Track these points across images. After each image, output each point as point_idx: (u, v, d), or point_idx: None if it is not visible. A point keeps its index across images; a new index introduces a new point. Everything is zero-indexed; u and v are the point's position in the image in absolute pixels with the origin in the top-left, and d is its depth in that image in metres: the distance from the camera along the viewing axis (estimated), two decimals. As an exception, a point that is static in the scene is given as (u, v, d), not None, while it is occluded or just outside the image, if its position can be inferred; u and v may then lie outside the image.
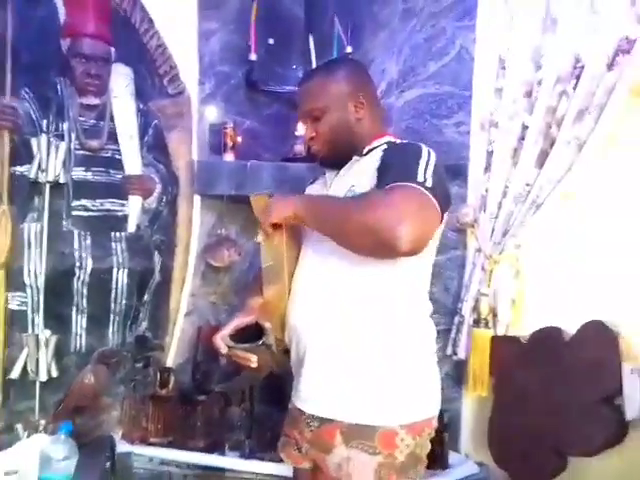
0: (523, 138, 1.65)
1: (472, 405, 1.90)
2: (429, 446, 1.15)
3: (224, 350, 1.14)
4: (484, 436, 1.78)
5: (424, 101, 2.06)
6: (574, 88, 1.53)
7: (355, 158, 1.18)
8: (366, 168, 1.13)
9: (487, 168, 1.78)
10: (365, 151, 1.18)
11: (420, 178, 1.00)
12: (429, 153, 1.06)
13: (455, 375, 1.92)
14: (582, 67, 1.50)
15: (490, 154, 1.76)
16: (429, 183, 0.99)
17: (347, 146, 1.17)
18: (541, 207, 1.63)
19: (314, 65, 2.31)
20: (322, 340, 1.10)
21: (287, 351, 1.22)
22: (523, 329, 1.73)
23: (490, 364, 1.74)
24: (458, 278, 1.93)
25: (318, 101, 1.17)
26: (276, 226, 1.14)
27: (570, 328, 1.61)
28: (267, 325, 1.13)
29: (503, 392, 1.71)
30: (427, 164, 1.03)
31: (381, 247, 0.97)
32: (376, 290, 1.09)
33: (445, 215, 1.09)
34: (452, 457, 1.82)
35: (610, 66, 1.45)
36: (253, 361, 1.11)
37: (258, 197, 1.17)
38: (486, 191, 1.77)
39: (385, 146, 1.16)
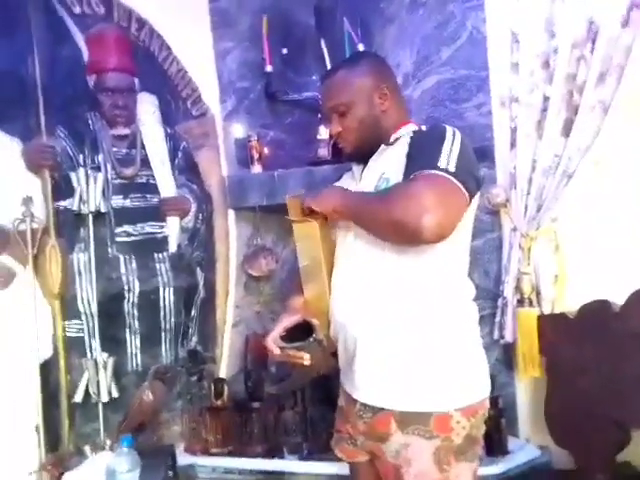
0: (545, 109, 1.62)
1: (526, 388, 1.86)
2: (484, 427, 1.15)
3: (277, 351, 1.16)
4: (542, 418, 1.73)
5: (442, 88, 2.05)
6: (591, 52, 1.50)
7: (383, 147, 1.19)
8: (395, 155, 1.14)
9: (513, 145, 1.75)
10: (392, 139, 1.19)
11: (442, 164, 1.00)
12: (454, 134, 1.06)
13: (505, 359, 1.88)
14: (597, 29, 1.47)
15: (514, 130, 1.73)
16: (452, 167, 1.00)
17: (374, 138, 1.18)
18: (573, 177, 1.59)
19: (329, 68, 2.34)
20: (370, 332, 1.11)
21: (334, 353, 1.23)
22: (569, 305, 1.69)
23: (539, 344, 1.70)
24: (497, 260, 1.89)
25: (343, 96, 1.18)
26: (312, 215, 1.16)
27: (618, 299, 1.56)
28: (315, 321, 1.15)
29: (556, 371, 1.67)
30: (451, 147, 1.03)
31: (408, 238, 1.00)
32: (416, 277, 1.10)
33: (476, 196, 1.09)
34: (512, 442, 1.79)
35: (625, 24, 1.41)
36: (306, 358, 1.13)
37: (294, 199, 1.20)
38: (514, 168, 1.74)
39: (412, 133, 1.18)
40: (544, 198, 1.67)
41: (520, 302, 1.76)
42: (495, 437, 1.72)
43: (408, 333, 1.09)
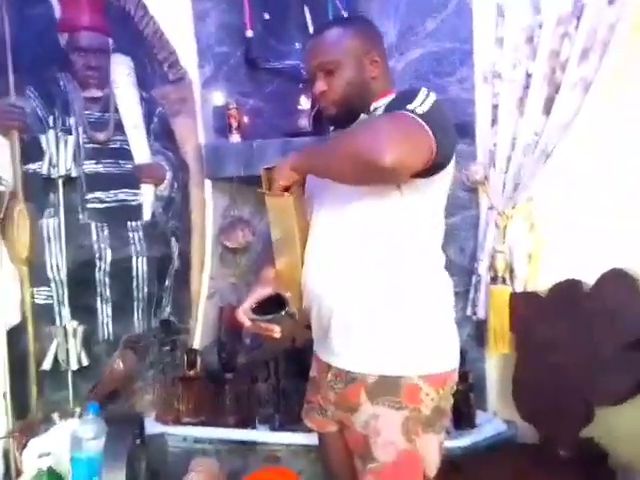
0: (527, 86, 1.60)
1: (496, 364, 1.88)
2: (452, 400, 1.17)
3: (247, 323, 1.15)
4: (510, 394, 1.76)
5: (425, 60, 2.01)
6: (576, 28, 1.47)
7: (363, 116, 1.17)
8: None
9: (494, 122, 1.73)
10: (372, 109, 1.17)
11: (411, 107, 0.99)
12: (428, 91, 1.05)
13: (477, 335, 1.91)
14: (582, 5, 1.44)
15: (496, 107, 1.72)
16: (420, 110, 0.98)
17: (358, 103, 1.16)
18: (551, 156, 1.58)
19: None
20: (345, 300, 1.12)
21: (308, 326, 1.23)
22: (542, 284, 1.70)
23: (510, 321, 1.71)
24: (473, 238, 1.90)
25: (333, 54, 1.14)
26: (286, 190, 1.13)
27: (589, 279, 1.57)
28: (287, 294, 1.14)
29: (525, 348, 1.70)
30: (425, 98, 1.02)
31: (366, 167, 0.97)
32: (389, 247, 1.10)
33: (449, 166, 1.08)
34: (480, 416, 1.83)
35: (611, 1, 1.38)
36: (276, 331, 1.13)
37: (268, 171, 1.17)
38: (494, 146, 1.73)
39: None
40: (522, 176, 1.66)
41: (493, 280, 1.77)
42: (464, 411, 1.75)
43: (381, 300, 1.10)
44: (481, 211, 1.85)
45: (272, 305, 1.15)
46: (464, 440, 1.69)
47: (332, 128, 1.31)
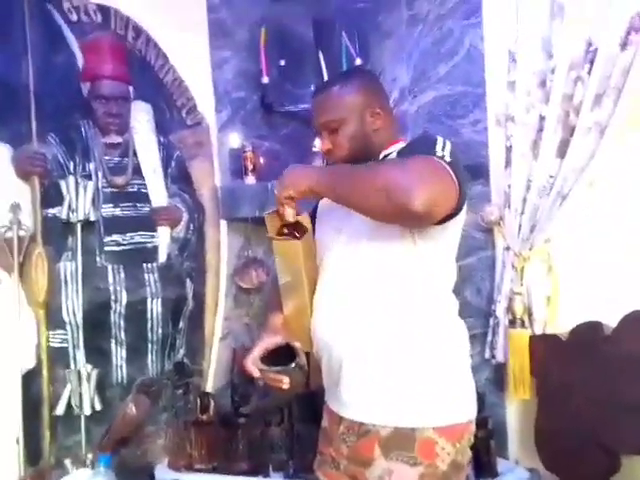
0: (541, 129, 1.61)
1: (517, 409, 1.83)
2: (470, 453, 1.12)
3: (256, 374, 1.14)
4: (532, 441, 1.71)
5: (438, 103, 2.04)
6: (589, 73, 1.49)
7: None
8: None
9: (508, 164, 1.74)
10: (381, 157, 1.18)
11: (439, 153, 0.99)
12: (444, 139, 1.06)
13: (496, 379, 1.86)
14: (595, 50, 1.46)
15: (509, 149, 1.72)
16: (447, 158, 0.99)
17: (364, 156, 1.16)
18: (567, 198, 1.58)
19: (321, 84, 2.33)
20: (355, 351, 1.10)
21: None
22: (561, 326, 1.67)
23: (530, 365, 1.68)
24: (489, 279, 1.88)
25: (335, 113, 1.16)
26: (290, 201, 1.11)
27: (611, 321, 1.54)
28: (298, 345, 1.13)
29: (547, 393, 1.65)
30: (444, 146, 1.02)
31: (396, 207, 0.94)
32: (401, 294, 1.08)
33: (461, 213, 1.07)
34: (501, 464, 1.76)
35: (624, 46, 1.41)
36: (285, 382, 1.11)
37: (272, 215, 1.16)
38: (509, 187, 1.73)
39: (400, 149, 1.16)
40: (538, 218, 1.65)
41: (512, 322, 1.74)
42: (484, 459, 1.69)
43: (393, 351, 1.08)
44: (497, 252, 1.84)
45: (281, 354, 1.13)
46: (486, 490, 1.63)
47: None
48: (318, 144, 2.33)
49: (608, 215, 1.57)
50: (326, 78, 2.33)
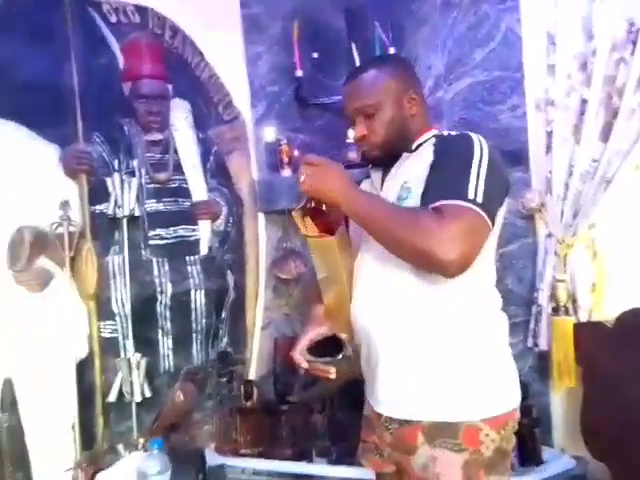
0: (583, 113, 1.58)
1: (562, 397, 1.81)
2: (514, 440, 1.11)
3: (305, 365, 1.14)
4: (578, 429, 1.69)
5: (474, 90, 2.02)
6: (632, 53, 1.45)
7: (405, 155, 1.15)
8: (418, 164, 1.11)
9: (549, 149, 1.71)
10: (414, 146, 1.16)
11: (471, 194, 0.98)
12: (481, 150, 1.03)
13: (539, 367, 1.84)
14: (637, 30, 1.42)
15: (550, 134, 1.69)
16: (480, 198, 0.97)
17: (400, 143, 1.14)
18: (612, 182, 1.54)
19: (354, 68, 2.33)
20: (394, 341, 1.09)
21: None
22: (607, 313, 1.64)
23: (575, 353, 1.65)
24: (531, 266, 1.85)
25: (371, 97, 1.12)
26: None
27: (658, 307, 1.51)
28: (344, 336, 1.13)
29: (592, 381, 1.62)
30: (479, 169, 1.00)
31: (430, 269, 1.00)
32: (442, 287, 1.07)
33: (500, 211, 1.06)
34: (546, 453, 1.75)
35: (669, 24, 1.36)
36: (332, 372, 1.12)
37: (298, 212, 1.13)
38: (550, 173, 1.70)
39: (434, 140, 1.15)
40: (581, 204, 1.62)
41: (555, 310, 1.71)
42: (529, 446, 1.69)
43: (433, 344, 1.07)
44: (539, 239, 1.81)
45: (327, 345, 1.14)
46: (530, 478, 1.62)
47: (371, 166, 1.26)
48: (352, 134, 2.34)
49: (655, 199, 1.53)
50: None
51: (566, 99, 1.62)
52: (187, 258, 2.18)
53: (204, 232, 2.22)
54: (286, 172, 2.31)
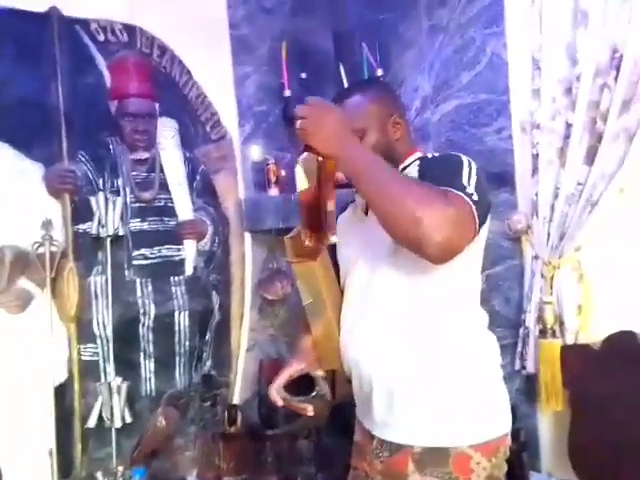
0: (568, 136, 1.59)
1: (549, 421, 1.80)
2: (506, 467, 1.10)
3: (280, 403, 1.15)
4: (565, 452, 1.67)
5: (461, 112, 2.04)
6: (615, 79, 1.47)
7: None
8: None
9: (534, 171, 1.72)
10: (400, 168, 1.14)
11: (469, 190, 0.96)
12: (470, 162, 1.04)
13: (527, 390, 1.83)
14: (621, 56, 1.44)
15: (536, 157, 1.70)
16: (475, 197, 0.96)
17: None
18: (597, 205, 1.55)
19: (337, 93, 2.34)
20: (385, 369, 1.08)
21: (349, 380, 1.20)
22: (594, 336, 1.64)
23: (562, 376, 1.64)
24: (518, 288, 1.85)
25: (356, 123, 1.08)
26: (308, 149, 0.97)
27: (644, 329, 1.51)
28: (319, 374, 1.14)
29: (580, 404, 1.61)
30: (469, 174, 1.00)
31: (413, 239, 0.91)
32: (429, 311, 1.06)
33: (486, 225, 1.05)
34: (534, 477, 1.73)
35: (651, 51, 1.38)
36: (309, 410, 1.11)
37: (291, 239, 1.12)
38: (536, 195, 1.71)
39: (419, 161, 1.14)
40: (567, 226, 1.63)
41: (542, 332, 1.71)
42: (517, 472, 1.66)
43: (423, 368, 1.06)
44: (525, 261, 1.82)
45: (305, 383, 1.14)
46: (519, 504, 1.60)
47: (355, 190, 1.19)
48: None
49: (639, 221, 1.54)
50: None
51: (551, 122, 1.64)
52: (171, 278, 2.14)
53: (189, 252, 2.19)
54: (273, 191, 2.30)
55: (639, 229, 1.55)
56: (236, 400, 2.24)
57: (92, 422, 1.92)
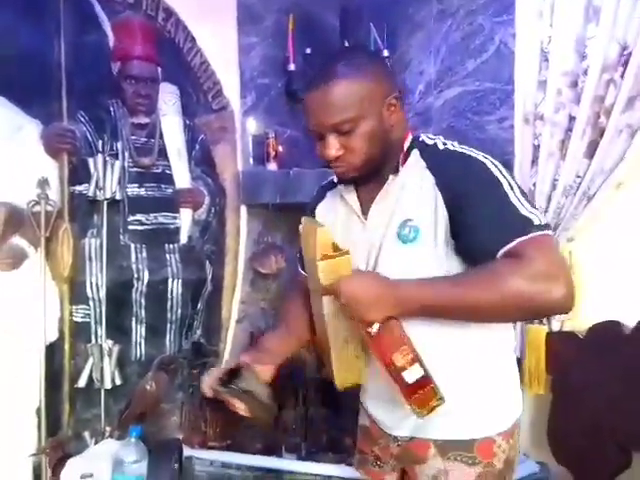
0: (570, 130, 1.62)
1: (530, 404, 1.86)
2: (519, 449, 1.11)
3: (208, 394, 1.10)
4: (543, 435, 1.74)
5: (464, 99, 2.05)
6: (622, 76, 1.50)
7: (391, 178, 1.00)
8: (415, 194, 0.97)
9: (534, 162, 1.75)
10: (399, 163, 1.01)
11: (536, 220, 0.87)
12: (498, 168, 0.91)
13: (510, 374, 1.89)
14: (629, 54, 1.47)
15: (537, 148, 1.73)
16: (542, 219, 0.88)
17: (381, 160, 1.00)
18: (593, 198, 1.59)
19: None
20: None
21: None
22: (580, 324, 1.69)
23: (546, 361, 1.70)
24: (509, 275, 1.90)
25: (350, 110, 0.93)
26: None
27: (630, 321, 1.57)
28: (247, 373, 1.09)
29: (562, 390, 1.68)
30: (511, 186, 0.89)
31: (540, 314, 0.97)
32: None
33: None
34: (512, 457, 1.79)
35: (659, 50, 1.41)
36: (240, 408, 1.07)
37: (309, 226, 1.03)
38: (534, 185, 1.75)
39: (418, 154, 1.00)
40: (562, 217, 1.67)
41: (530, 319, 1.76)
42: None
43: (446, 366, 1.00)
44: (518, 249, 1.86)
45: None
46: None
47: (339, 183, 1.10)
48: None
49: (633, 217, 1.59)
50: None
51: (555, 115, 1.66)
52: (166, 246, 2.14)
53: (185, 221, 2.19)
54: (272, 166, 2.30)
55: (633, 223, 1.60)
56: (224, 369, 2.26)
57: (82, 382, 1.92)
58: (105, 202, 1.99)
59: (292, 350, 1.24)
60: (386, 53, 2.23)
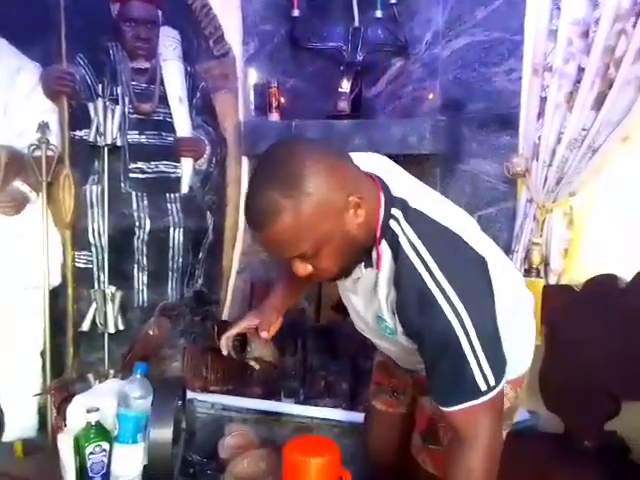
0: (579, 81, 1.60)
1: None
2: (523, 398, 1.16)
3: (224, 352, 1.24)
4: (535, 384, 1.78)
5: (472, 49, 2.01)
6: (634, 26, 1.46)
7: (368, 270, 0.95)
8: (383, 297, 0.94)
9: (540, 115, 1.73)
10: (371, 256, 0.93)
11: (483, 385, 0.88)
12: (464, 327, 0.86)
13: (506, 325, 1.93)
14: (643, 2, 1.44)
15: (544, 100, 1.71)
16: (492, 380, 0.89)
17: (357, 259, 0.93)
18: (597, 152, 1.58)
19: (356, 21, 2.26)
20: None
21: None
22: (577, 279, 1.72)
23: (542, 313, 1.73)
24: (508, 230, 1.91)
25: (304, 244, 0.83)
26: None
27: (626, 275, 1.59)
28: (254, 343, 1.22)
29: (556, 341, 1.71)
30: (473, 348, 0.87)
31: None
32: None
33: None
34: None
35: (674, -1, 1.38)
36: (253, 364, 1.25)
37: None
38: (539, 139, 1.73)
39: (390, 273, 0.91)
40: (565, 171, 1.67)
41: (527, 271, 1.78)
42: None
43: None
44: (518, 203, 1.86)
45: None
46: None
47: None
48: (345, 84, 2.31)
49: (637, 171, 1.58)
50: (357, 17, 2.26)
51: (564, 65, 1.63)
52: (167, 195, 2.13)
53: (186, 170, 2.17)
54: (274, 116, 2.27)
55: (635, 179, 1.60)
56: (225, 317, 2.31)
57: (86, 326, 1.97)
58: (106, 148, 1.97)
59: (293, 301, 1.32)
60: (394, 0, 2.16)
